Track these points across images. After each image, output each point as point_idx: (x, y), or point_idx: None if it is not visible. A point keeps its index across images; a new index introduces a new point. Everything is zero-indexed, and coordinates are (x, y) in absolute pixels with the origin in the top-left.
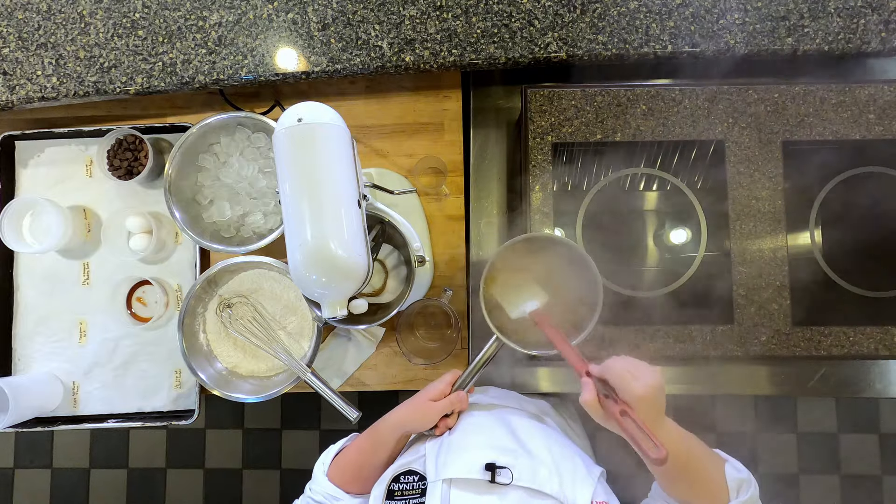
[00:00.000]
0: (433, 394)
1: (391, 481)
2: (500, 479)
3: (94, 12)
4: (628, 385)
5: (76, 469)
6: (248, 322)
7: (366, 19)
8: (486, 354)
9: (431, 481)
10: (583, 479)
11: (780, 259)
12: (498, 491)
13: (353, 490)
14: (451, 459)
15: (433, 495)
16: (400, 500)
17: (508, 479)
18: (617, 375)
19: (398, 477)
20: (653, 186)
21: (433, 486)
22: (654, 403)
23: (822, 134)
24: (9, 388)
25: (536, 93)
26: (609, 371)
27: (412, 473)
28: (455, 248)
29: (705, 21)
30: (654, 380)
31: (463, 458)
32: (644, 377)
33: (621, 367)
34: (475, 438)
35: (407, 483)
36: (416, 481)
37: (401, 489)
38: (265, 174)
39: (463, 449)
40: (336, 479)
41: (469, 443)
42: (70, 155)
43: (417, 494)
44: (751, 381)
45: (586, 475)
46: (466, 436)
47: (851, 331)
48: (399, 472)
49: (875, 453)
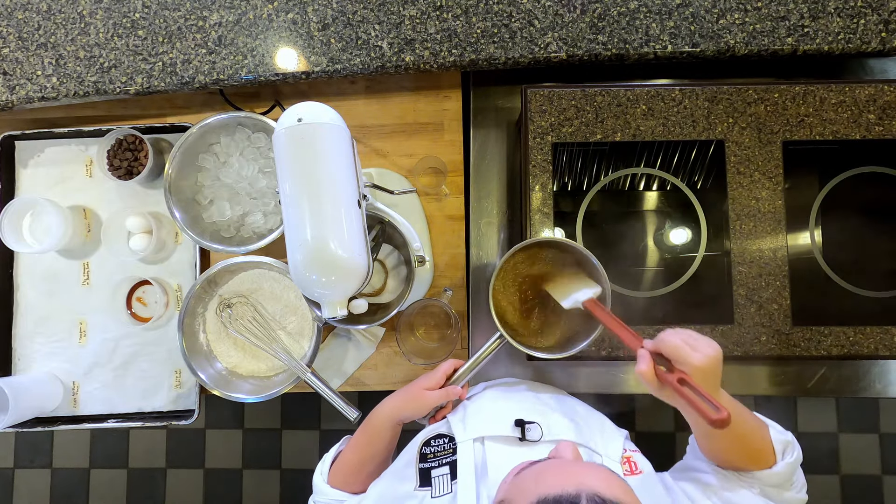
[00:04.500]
0: (428, 383)
1: (422, 445)
2: (530, 436)
3: (94, 12)
4: (687, 355)
5: (76, 469)
6: (248, 322)
7: (366, 19)
8: (487, 350)
9: (461, 440)
10: (612, 433)
11: (780, 259)
12: (529, 446)
13: (357, 489)
14: (480, 420)
15: (465, 452)
16: (433, 460)
17: (538, 435)
18: (674, 347)
19: (428, 441)
20: (653, 186)
21: (464, 445)
22: (713, 373)
23: (822, 134)
24: (9, 388)
25: (536, 93)
26: (664, 344)
27: (441, 437)
28: (455, 248)
29: (705, 21)
30: (714, 350)
31: (492, 419)
32: (703, 348)
33: (679, 340)
34: (500, 404)
35: (438, 445)
36: (447, 443)
37: (433, 451)
38: (265, 174)
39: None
40: (339, 483)
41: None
42: (70, 155)
43: (449, 454)
44: (751, 381)
45: (615, 429)
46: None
47: (851, 331)
48: (430, 437)
49: (875, 453)
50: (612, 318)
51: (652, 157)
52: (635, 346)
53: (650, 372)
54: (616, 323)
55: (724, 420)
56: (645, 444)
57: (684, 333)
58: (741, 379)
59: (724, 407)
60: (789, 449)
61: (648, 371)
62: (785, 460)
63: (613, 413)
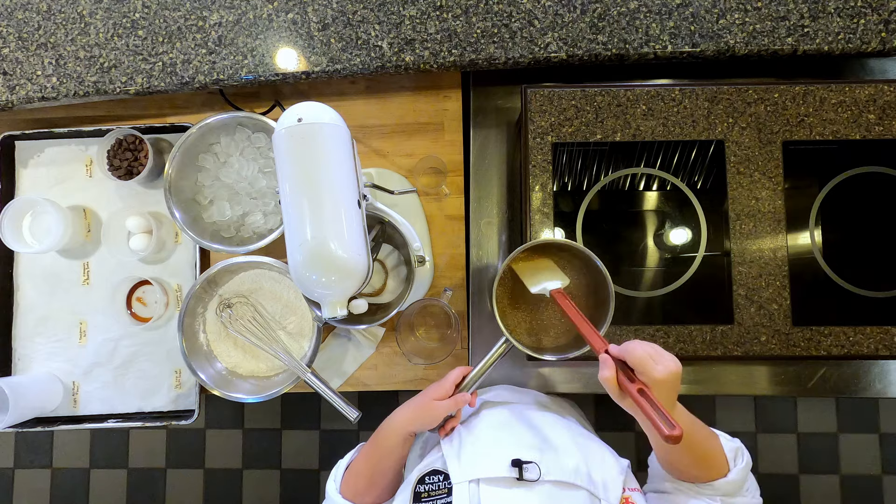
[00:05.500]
0: (437, 393)
1: (417, 483)
2: (527, 476)
3: (94, 12)
4: (650, 368)
5: (76, 469)
6: (248, 322)
7: (366, 19)
8: (494, 356)
9: (457, 482)
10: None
11: (780, 259)
12: (527, 486)
13: (368, 501)
14: (476, 459)
15: (461, 496)
16: (427, 501)
17: (536, 475)
18: (637, 358)
19: (423, 478)
20: (653, 186)
21: (460, 487)
22: (672, 388)
23: (822, 134)
24: (9, 388)
25: (536, 93)
26: (630, 353)
27: (437, 473)
28: (455, 248)
29: (705, 21)
30: (675, 365)
31: (488, 456)
32: (665, 362)
33: (643, 351)
34: (497, 436)
35: (432, 483)
36: (442, 481)
37: (427, 490)
38: (265, 174)
39: (486, 447)
40: (350, 493)
41: (491, 441)
42: (70, 155)
43: (444, 494)
44: (751, 381)
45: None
46: (487, 434)
47: (851, 331)
48: (424, 473)
49: (875, 453)
50: (579, 314)
51: (652, 157)
52: (599, 348)
53: (613, 379)
54: (582, 320)
55: (676, 437)
56: (643, 445)
57: (650, 347)
58: (741, 379)
59: (678, 424)
60: (739, 455)
61: (611, 378)
62: (737, 466)
63: (612, 414)
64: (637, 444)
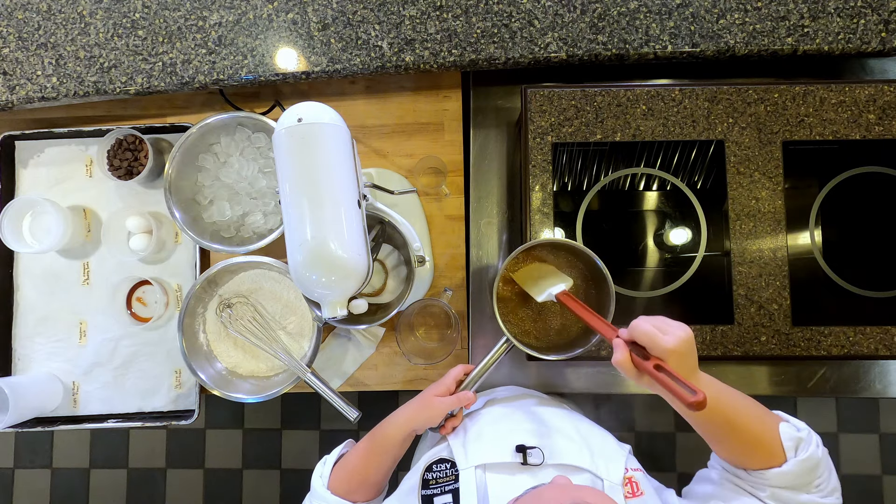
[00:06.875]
0: (439, 390)
1: (425, 470)
2: (531, 460)
3: (94, 12)
4: (659, 340)
5: (76, 469)
6: (248, 322)
7: (366, 19)
8: (496, 355)
9: (463, 468)
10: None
11: (780, 259)
12: (531, 471)
13: (358, 498)
14: (480, 446)
15: (467, 481)
16: (435, 487)
17: (540, 459)
18: (644, 333)
19: (431, 466)
20: (653, 186)
21: (466, 473)
22: (687, 356)
23: (822, 134)
24: (9, 388)
25: (536, 93)
26: (636, 330)
27: (444, 461)
28: (455, 248)
29: (705, 21)
30: (684, 332)
31: (493, 443)
32: (674, 331)
33: (649, 326)
34: (501, 426)
35: (440, 471)
36: (449, 468)
37: (434, 477)
38: (265, 174)
39: (491, 436)
40: (340, 489)
41: (496, 430)
42: (70, 155)
43: (452, 481)
44: (751, 381)
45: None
46: (492, 424)
47: (851, 331)
48: (431, 462)
49: (875, 453)
50: (586, 309)
51: (652, 157)
52: (610, 335)
53: (626, 360)
54: (590, 314)
55: (700, 402)
56: (645, 444)
57: (655, 319)
58: (741, 379)
59: (700, 389)
60: (802, 446)
61: (625, 360)
62: (797, 457)
63: (613, 413)
64: (638, 444)
